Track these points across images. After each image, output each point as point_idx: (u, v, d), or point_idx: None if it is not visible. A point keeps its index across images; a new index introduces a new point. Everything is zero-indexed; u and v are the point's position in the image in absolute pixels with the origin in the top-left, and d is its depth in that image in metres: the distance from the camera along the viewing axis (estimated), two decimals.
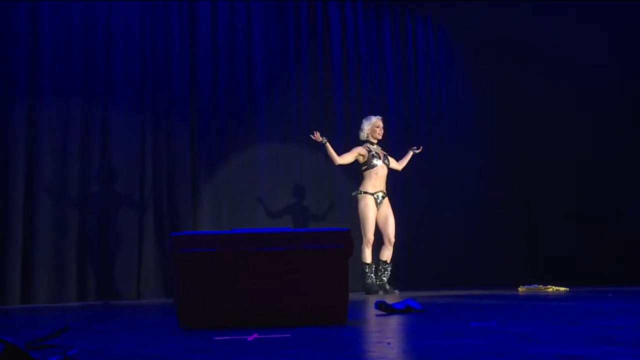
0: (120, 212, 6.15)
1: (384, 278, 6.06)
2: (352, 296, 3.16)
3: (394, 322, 2.95)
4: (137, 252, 6.14)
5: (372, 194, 6.08)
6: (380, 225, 6.10)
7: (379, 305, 3.40)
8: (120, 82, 6.31)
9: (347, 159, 6.12)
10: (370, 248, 6.04)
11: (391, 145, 6.91)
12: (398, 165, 6.42)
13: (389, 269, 6.10)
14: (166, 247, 5.90)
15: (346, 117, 7.30)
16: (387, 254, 6.09)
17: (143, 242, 6.19)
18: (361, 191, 6.11)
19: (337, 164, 6.16)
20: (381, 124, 6.26)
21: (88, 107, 6.14)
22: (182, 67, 6.59)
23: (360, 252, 5.96)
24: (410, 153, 6.49)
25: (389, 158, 6.28)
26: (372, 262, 6.04)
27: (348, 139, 7.13)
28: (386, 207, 6.14)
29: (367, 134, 6.22)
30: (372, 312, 3.52)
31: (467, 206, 7.67)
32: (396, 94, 7.63)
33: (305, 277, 2.77)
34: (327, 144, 6.01)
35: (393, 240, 6.09)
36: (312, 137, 6.01)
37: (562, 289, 5.53)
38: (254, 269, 2.76)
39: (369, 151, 6.15)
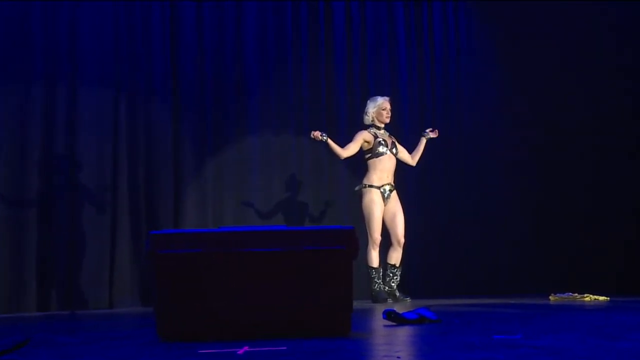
0: (89, 208, 6.16)
1: (393, 284, 6.08)
2: (356, 304, 3.18)
3: (405, 334, 2.97)
4: (109, 255, 6.15)
5: (378, 188, 6.07)
6: (388, 223, 6.11)
7: (388, 314, 3.42)
8: (90, 60, 6.29)
9: (352, 149, 6.11)
10: (377, 250, 6.03)
11: (403, 134, 6.89)
12: (411, 160, 6.36)
13: (399, 273, 6.11)
14: (143, 248, 5.91)
15: (350, 102, 7.27)
16: (395, 257, 6.10)
17: (116, 243, 6.19)
18: (365, 184, 6.09)
19: (343, 158, 6.16)
20: (388, 106, 6.22)
21: (51, 89, 6.14)
22: (162, 44, 6.57)
23: (365, 254, 5.96)
24: (424, 141, 6.41)
25: (398, 146, 6.27)
26: (379, 265, 6.05)
27: (352, 128, 7.10)
28: (394, 202, 6.13)
29: (373, 118, 6.19)
30: (379, 322, 3.54)
31: (490, 202, 7.65)
32: (409, 74, 7.58)
33: (303, 282, 2.79)
34: (329, 141, 6.01)
35: (402, 240, 6.09)
36: (312, 136, 6.00)
37: (601, 298, 5.53)
38: (244, 273, 2.77)
39: (375, 137, 6.12)
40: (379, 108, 6.18)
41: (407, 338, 2.84)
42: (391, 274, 6.08)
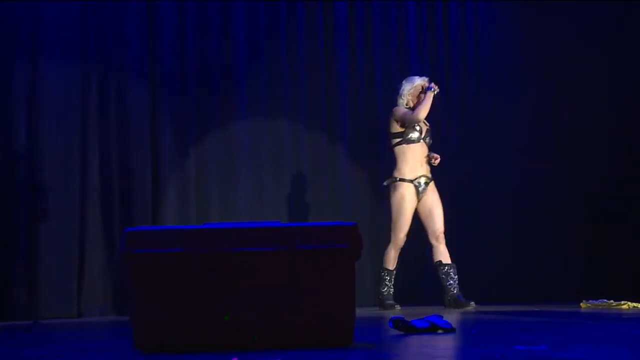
0: (54, 203, 6.17)
1: (453, 290, 5.97)
2: (361, 311, 3.21)
3: (414, 344, 3.00)
4: (77, 256, 6.17)
5: (411, 181, 6.03)
6: (423, 219, 6.06)
7: (395, 322, 3.46)
8: (53, 30, 6.31)
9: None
10: (398, 252, 6.03)
11: None
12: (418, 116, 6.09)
13: (452, 272, 5.99)
14: (118, 248, 5.94)
15: (353, 84, 7.28)
16: (439, 254, 6.00)
17: (86, 243, 6.22)
18: (396, 178, 6.05)
19: (418, 116, 5.99)
20: None
21: (8, 64, 6.15)
22: (139, 13, 6.58)
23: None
24: (430, 94, 6.12)
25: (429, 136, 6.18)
26: (394, 268, 6.06)
27: (355, 114, 7.14)
28: (431, 194, 6.07)
29: (408, 100, 6.13)
30: (386, 331, 3.58)
31: (513, 200, 7.70)
32: (420, 57, 7.59)
33: (299, 286, 2.82)
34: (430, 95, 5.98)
35: (441, 235, 6.00)
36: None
37: None
38: (232, 275, 2.80)
39: None
40: (415, 90, 6.15)
41: (417, 349, 2.87)
42: (444, 276, 5.99)
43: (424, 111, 6.00)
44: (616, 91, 7.78)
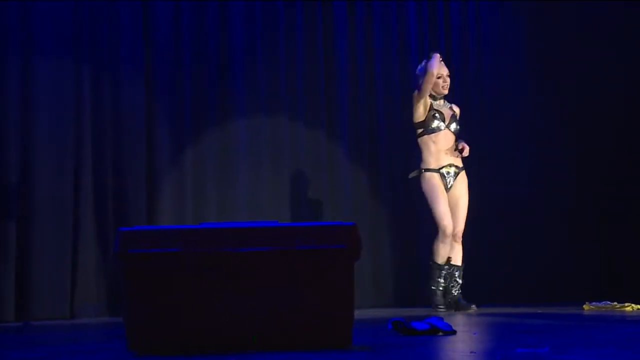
0: (47, 203, 6.15)
1: (455, 291, 5.90)
2: (359, 313, 3.19)
3: (414, 347, 2.99)
4: (70, 256, 6.15)
5: (437, 170, 5.87)
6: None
7: (395, 324, 3.46)
8: (49, 33, 6.28)
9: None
10: (449, 243, 5.83)
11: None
12: None
13: (457, 274, 5.88)
14: (112, 247, 5.91)
15: (353, 81, 7.28)
16: (452, 253, 5.87)
17: (79, 244, 6.19)
18: (422, 169, 5.89)
19: (424, 91, 5.84)
20: (445, 72, 5.95)
21: (2, 67, 6.13)
22: (134, 11, 6.57)
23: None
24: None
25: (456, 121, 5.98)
26: (445, 263, 5.87)
27: (355, 112, 7.12)
28: (460, 186, 5.94)
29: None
30: (385, 333, 3.56)
31: (515, 200, 7.70)
32: (420, 57, 7.55)
33: (297, 286, 2.81)
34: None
35: (457, 232, 5.86)
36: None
37: None
38: (229, 275, 2.79)
39: (430, 108, 5.92)
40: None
41: (417, 352, 2.86)
42: (449, 276, 5.88)
43: (435, 62, 5.81)
44: (616, 91, 7.80)
